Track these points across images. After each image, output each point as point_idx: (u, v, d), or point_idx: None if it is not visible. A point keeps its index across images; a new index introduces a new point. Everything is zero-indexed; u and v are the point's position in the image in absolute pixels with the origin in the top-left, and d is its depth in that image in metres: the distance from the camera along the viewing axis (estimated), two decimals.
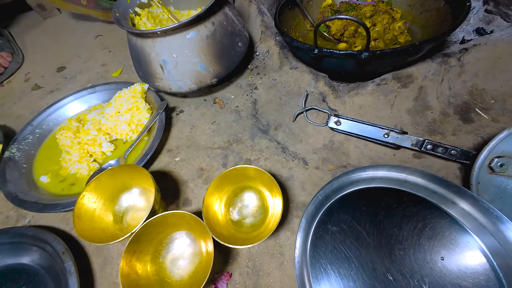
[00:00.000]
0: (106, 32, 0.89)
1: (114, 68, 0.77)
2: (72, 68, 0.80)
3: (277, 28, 0.54)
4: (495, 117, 0.52)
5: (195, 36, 0.51)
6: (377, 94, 0.52)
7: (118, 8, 0.55)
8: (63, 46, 0.87)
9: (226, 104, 0.63)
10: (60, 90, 0.73)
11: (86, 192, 0.38)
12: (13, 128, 0.64)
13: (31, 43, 0.91)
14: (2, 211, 0.50)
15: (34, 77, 0.79)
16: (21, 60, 0.84)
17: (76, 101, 0.63)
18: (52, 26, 0.95)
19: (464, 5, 0.46)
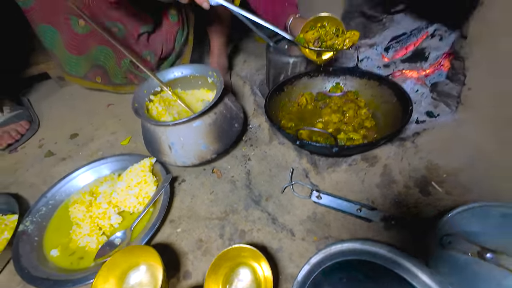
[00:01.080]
0: (117, 101, 1.01)
1: (123, 136, 0.86)
2: (84, 135, 0.89)
3: (267, 116, 0.66)
4: (449, 190, 0.63)
5: (200, 125, 0.63)
6: (350, 172, 0.63)
7: (137, 98, 0.67)
8: (77, 113, 0.98)
9: (223, 174, 0.72)
10: (72, 157, 0.81)
11: (101, 273, 0.43)
12: (26, 197, 0.69)
13: (47, 110, 1.01)
14: (9, 286, 0.53)
15: (47, 143, 0.87)
16: (37, 127, 0.93)
17: (89, 172, 0.70)
18: (68, 94, 1.07)
19: (407, 108, 0.61)
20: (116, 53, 0.89)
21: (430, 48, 0.89)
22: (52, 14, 0.79)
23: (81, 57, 0.88)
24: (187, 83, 0.80)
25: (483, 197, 0.59)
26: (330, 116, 0.75)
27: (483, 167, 0.64)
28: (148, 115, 0.68)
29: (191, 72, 0.75)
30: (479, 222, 0.47)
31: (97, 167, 0.71)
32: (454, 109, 0.75)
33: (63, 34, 0.83)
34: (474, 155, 0.66)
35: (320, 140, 0.70)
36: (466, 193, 0.61)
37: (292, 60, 0.82)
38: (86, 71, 0.92)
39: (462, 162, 0.66)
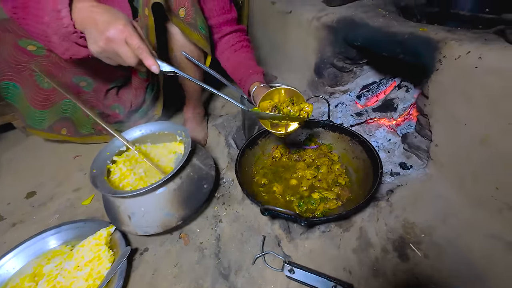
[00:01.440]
0: (86, 152, 0.96)
1: (87, 193, 0.80)
2: (43, 193, 0.82)
3: (238, 180, 0.63)
4: (426, 252, 0.60)
5: (163, 191, 0.58)
6: (324, 238, 0.60)
7: (97, 163, 0.63)
8: (39, 166, 0.91)
9: (192, 240, 0.66)
10: (24, 222, 0.73)
11: None
12: None
13: (6, 163, 0.94)
14: None
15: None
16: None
17: (37, 244, 0.62)
18: (33, 144, 1.01)
19: (377, 171, 0.60)
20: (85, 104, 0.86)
21: (398, 100, 0.92)
22: (14, 71, 0.77)
23: (45, 111, 0.84)
24: (157, 137, 0.77)
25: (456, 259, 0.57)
26: (304, 172, 0.74)
27: (454, 224, 0.63)
28: (109, 180, 0.63)
29: (159, 129, 0.73)
30: None
31: (46, 238, 0.63)
32: (425, 162, 0.75)
33: (26, 89, 0.80)
34: (446, 210, 0.65)
35: (293, 201, 0.67)
36: (442, 256, 0.59)
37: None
38: (51, 124, 0.88)
39: (436, 218, 0.65)
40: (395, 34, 0.71)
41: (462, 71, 0.58)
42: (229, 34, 0.78)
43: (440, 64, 0.62)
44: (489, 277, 0.55)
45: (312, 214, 0.63)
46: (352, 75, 1.10)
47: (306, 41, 1.09)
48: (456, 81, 0.60)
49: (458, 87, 0.59)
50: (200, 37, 0.71)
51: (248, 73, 0.71)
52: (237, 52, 0.78)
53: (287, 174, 0.76)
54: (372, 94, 1.03)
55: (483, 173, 0.60)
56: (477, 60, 0.55)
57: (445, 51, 0.60)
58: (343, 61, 1.02)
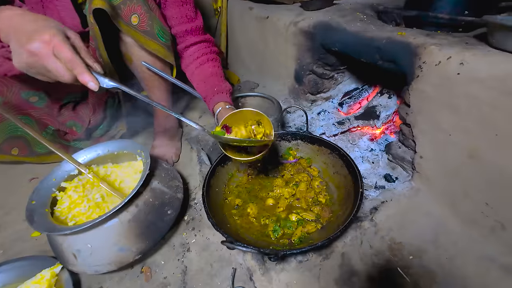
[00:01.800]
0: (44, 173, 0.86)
1: None
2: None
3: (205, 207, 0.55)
4: (416, 279, 0.54)
5: (115, 224, 0.50)
6: (301, 270, 0.53)
7: (38, 193, 0.54)
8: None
9: (154, 274, 0.58)
10: None
11: None
12: None
13: None
14: None
15: None
16: None
17: None
18: None
19: (358, 191, 0.54)
20: (37, 122, 0.77)
21: (380, 107, 0.88)
22: None
23: None
24: (119, 157, 0.69)
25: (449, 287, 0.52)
26: (282, 190, 0.67)
27: (445, 244, 0.57)
28: (55, 210, 0.55)
29: (117, 149, 0.66)
30: None
31: None
32: (410, 173, 0.70)
33: None
34: (435, 229, 0.60)
35: (269, 224, 0.60)
36: (433, 284, 0.53)
37: None
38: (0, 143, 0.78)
39: (424, 238, 0.59)
40: (372, 39, 0.66)
41: (444, 78, 0.53)
42: (194, 44, 0.71)
43: (420, 70, 0.57)
44: None
45: (288, 241, 0.56)
46: (333, 81, 1.06)
47: (285, 47, 1.04)
48: (438, 89, 0.55)
49: (441, 95, 0.55)
50: (158, 46, 0.64)
51: (213, 91, 0.65)
52: (203, 66, 0.71)
53: (263, 192, 0.69)
54: (355, 101, 0.99)
55: (472, 187, 0.55)
56: (458, 66, 0.50)
57: (424, 57, 0.55)
58: (322, 68, 0.98)
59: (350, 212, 0.51)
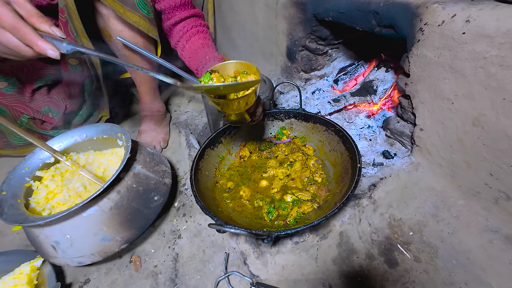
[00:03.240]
0: None
1: None
2: None
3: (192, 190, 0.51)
4: (417, 254, 0.52)
5: (94, 213, 0.46)
6: (298, 251, 0.50)
7: (9, 181, 0.50)
8: None
9: (144, 263, 0.55)
10: None
11: None
12: None
13: None
14: None
15: None
16: None
17: None
18: None
19: (356, 164, 0.51)
20: (11, 110, 0.71)
21: (378, 81, 0.83)
22: None
23: None
24: (101, 143, 0.65)
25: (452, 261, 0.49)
26: (276, 170, 0.64)
27: (446, 218, 0.55)
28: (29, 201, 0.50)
29: (96, 134, 0.61)
30: None
31: None
32: (409, 148, 0.67)
33: None
34: (436, 203, 0.58)
35: (263, 207, 0.57)
36: (434, 257, 0.51)
37: None
38: None
39: (425, 212, 0.57)
40: (369, 2, 0.60)
41: (447, 39, 0.48)
42: (183, 20, 0.65)
43: (421, 33, 0.53)
44: (489, 277, 0.47)
45: (283, 222, 0.53)
46: (327, 58, 1.00)
47: (275, 22, 0.97)
48: (440, 53, 0.50)
49: (444, 59, 0.50)
50: (139, 19, 0.58)
51: (205, 60, 0.59)
52: (193, 38, 0.65)
53: (256, 174, 0.65)
54: (350, 77, 0.94)
55: (476, 158, 0.52)
56: (464, 24, 0.45)
57: (426, 17, 0.50)
58: (316, 42, 0.92)
59: (347, 189, 0.48)
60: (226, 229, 0.39)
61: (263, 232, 0.39)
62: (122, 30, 0.62)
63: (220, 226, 0.39)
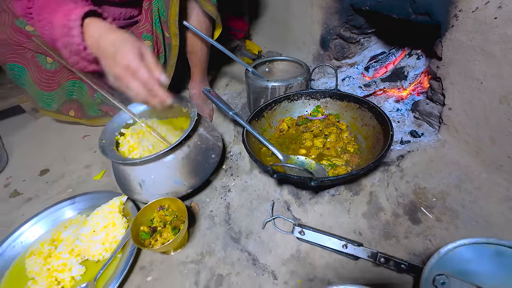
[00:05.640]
0: (94, 132, 0.97)
1: (97, 169, 0.82)
2: (55, 171, 0.83)
3: (246, 148, 0.62)
4: (438, 216, 0.59)
5: (172, 160, 0.59)
6: (333, 203, 0.59)
7: (105, 134, 0.63)
8: (50, 147, 0.93)
9: (201, 208, 0.67)
10: (39, 197, 0.75)
11: None
12: None
13: (18, 145, 0.96)
14: None
15: (15, 182, 0.81)
16: (4, 164, 0.87)
17: (53, 214, 0.64)
18: (42, 127, 1.02)
19: (388, 132, 0.58)
20: (88, 86, 0.86)
21: (408, 67, 0.89)
22: (18, 52, 0.78)
23: (52, 92, 0.85)
24: (164, 112, 0.77)
25: (471, 223, 0.56)
26: (312, 141, 0.73)
27: (468, 189, 0.61)
28: (118, 150, 0.64)
29: None
30: (472, 260, 0.43)
31: (62, 208, 0.65)
32: (437, 128, 0.73)
33: (31, 71, 0.81)
34: (460, 176, 0.64)
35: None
36: (455, 219, 0.58)
37: (271, 84, 0.81)
38: (59, 105, 0.89)
39: (449, 183, 0.63)
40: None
41: (480, 24, 0.54)
42: None
43: (455, 19, 0.59)
44: (506, 237, 0.53)
45: None
46: (359, 46, 1.06)
47: (311, 11, 1.05)
48: (473, 36, 0.56)
49: (475, 42, 0.56)
50: (212, 7, 0.71)
51: None
52: None
53: (295, 145, 0.75)
54: (381, 65, 1.00)
55: (501, 133, 0.58)
56: (496, 10, 0.51)
57: (461, 4, 0.56)
58: (350, 31, 0.99)
59: (381, 151, 0.56)
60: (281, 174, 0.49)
61: (312, 176, 0.48)
62: (198, 15, 0.76)
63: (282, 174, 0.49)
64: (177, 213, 0.57)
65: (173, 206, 0.58)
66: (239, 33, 1.32)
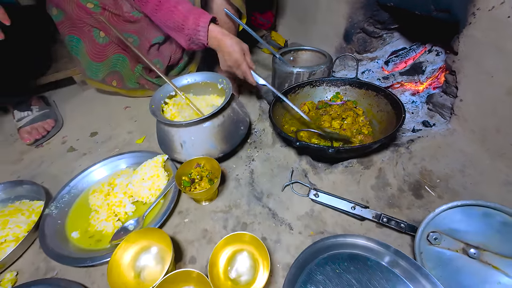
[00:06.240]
0: (134, 104, 1.09)
1: (138, 135, 0.94)
2: (103, 134, 0.97)
3: (271, 121, 0.72)
4: (440, 194, 0.67)
5: (209, 125, 0.69)
6: (346, 173, 0.68)
7: (154, 101, 0.75)
8: (96, 115, 1.07)
9: (228, 173, 0.77)
10: (92, 153, 0.88)
11: (119, 249, 0.49)
12: (49, 188, 0.76)
13: (70, 111, 1.10)
14: (33, 262, 0.59)
15: (70, 140, 0.95)
16: (61, 125, 1.02)
17: (107, 165, 0.77)
18: (89, 98, 1.16)
19: (401, 116, 0.66)
20: (130, 60, 0.99)
21: (427, 62, 0.94)
22: (78, 26, 0.91)
23: (100, 63, 0.98)
24: (199, 89, 0.88)
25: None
26: (330, 123, 0.81)
27: (471, 174, 0.67)
28: (163, 116, 0.75)
29: (203, 79, 0.83)
30: (462, 220, 0.50)
31: (114, 161, 0.78)
32: (448, 119, 0.79)
33: (86, 43, 0.94)
34: (465, 162, 0.70)
35: (320, 143, 0.75)
36: (455, 197, 0.65)
37: (296, 70, 0.89)
38: (104, 76, 1.02)
39: (453, 168, 0.70)
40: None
41: (495, 22, 0.60)
42: None
43: (473, 17, 0.64)
44: None
45: None
46: (381, 41, 1.12)
47: (337, 6, 1.11)
48: (487, 33, 0.62)
49: (490, 38, 0.62)
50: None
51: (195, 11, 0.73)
52: None
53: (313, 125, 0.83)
54: (401, 60, 1.05)
55: (506, 123, 0.64)
56: (510, 9, 0.57)
57: (479, 3, 0.62)
58: (373, 26, 1.04)
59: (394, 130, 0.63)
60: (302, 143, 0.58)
61: (330, 146, 0.57)
62: (221, 4, 0.84)
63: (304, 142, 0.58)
64: (211, 171, 0.68)
65: (208, 165, 0.68)
66: (267, 23, 1.40)
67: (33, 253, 0.60)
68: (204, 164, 0.68)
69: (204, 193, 0.62)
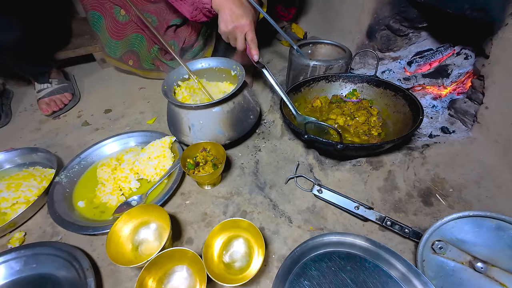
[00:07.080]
0: (148, 86, 1.11)
1: (150, 116, 0.95)
2: (117, 111, 0.99)
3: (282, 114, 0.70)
4: (452, 204, 0.63)
5: (218, 111, 0.69)
6: (353, 172, 0.66)
7: (167, 82, 0.75)
8: (112, 92, 1.09)
9: (234, 160, 0.77)
10: (104, 129, 0.91)
11: (119, 222, 0.50)
12: (62, 157, 0.79)
13: (88, 87, 1.13)
14: (41, 225, 0.62)
15: (85, 115, 0.98)
16: (78, 99, 1.05)
17: (117, 141, 0.79)
18: (107, 76, 1.19)
19: (418, 117, 0.63)
20: (147, 41, 1.00)
21: (453, 66, 0.89)
22: (100, 2, 0.93)
23: (119, 41, 1.00)
24: (212, 74, 0.87)
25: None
26: (337, 117, 0.78)
27: (488, 186, 0.64)
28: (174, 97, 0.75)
29: (217, 64, 0.82)
30: (471, 231, 0.48)
31: (124, 138, 0.79)
32: (469, 127, 0.75)
33: (107, 20, 0.96)
34: (482, 173, 0.66)
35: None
36: (468, 209, 0.61)
37: (313, 63, 0.87)
38: (122, 54, 1.03)
39: (468, 178, 0.66)
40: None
41: None
42: None
43: (510, 18, 0.59)
44: None
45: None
46: (406, 40, 1.06)
47: (362, 1, 1.06)
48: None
49: None
50: None
51: None
52: None
53: (323, 116, 0.81)
54: (426, 61, 1.00)
55: None
56: None
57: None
58: (400, 23, 0.99)
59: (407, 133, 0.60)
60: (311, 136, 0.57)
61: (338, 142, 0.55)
62: None
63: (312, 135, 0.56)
64: (216, 156, 0.68)
65: (214, 150, 0.68)
66: (288, 14, 1.36)
67: (41, 217, 0.63)
68: (210, 149, 0.68)
69: (207, 177, 0.62)
